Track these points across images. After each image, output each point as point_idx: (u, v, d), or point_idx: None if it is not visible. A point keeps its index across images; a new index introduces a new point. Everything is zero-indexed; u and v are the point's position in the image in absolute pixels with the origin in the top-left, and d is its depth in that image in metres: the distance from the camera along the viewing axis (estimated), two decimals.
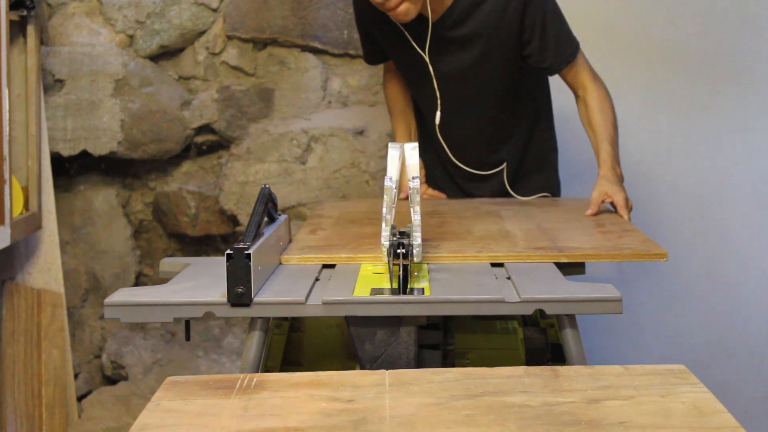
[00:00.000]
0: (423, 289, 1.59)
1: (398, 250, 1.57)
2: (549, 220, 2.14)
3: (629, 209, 2.16)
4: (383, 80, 2.67)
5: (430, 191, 2.56)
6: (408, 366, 1.54)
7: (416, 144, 1.76)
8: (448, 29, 2.31)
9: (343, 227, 2.10)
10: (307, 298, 1.55)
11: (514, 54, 2.33)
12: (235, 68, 3.03)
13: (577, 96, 2.39)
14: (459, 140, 2.46)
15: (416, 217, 1.68)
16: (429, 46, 2.32)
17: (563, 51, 2.32)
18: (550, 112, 2.54)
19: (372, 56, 2.57)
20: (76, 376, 3.09)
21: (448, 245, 1.85)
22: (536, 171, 2.52)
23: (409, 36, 2.33)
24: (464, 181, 2.53)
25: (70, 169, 3.07)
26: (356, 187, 3.07)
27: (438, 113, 2.39)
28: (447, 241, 1.88)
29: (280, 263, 1.78)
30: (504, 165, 2.47)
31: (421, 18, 2.29)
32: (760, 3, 2.99)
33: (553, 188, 2.55)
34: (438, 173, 2.58)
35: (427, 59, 2.33)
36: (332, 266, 1.77)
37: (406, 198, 2.10)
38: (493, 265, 1.74)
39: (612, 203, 2.18)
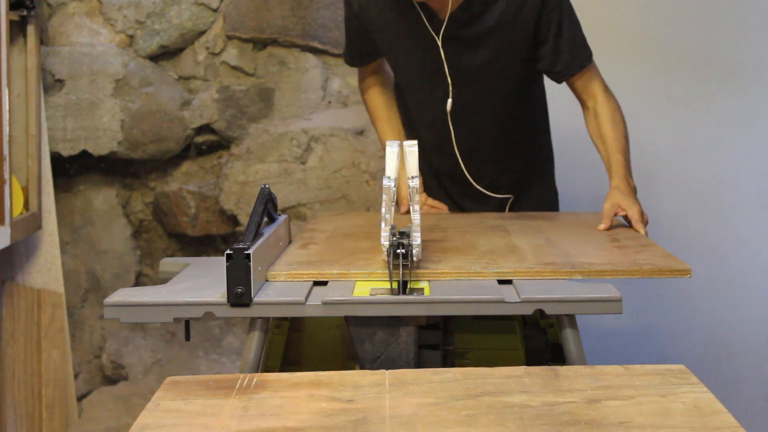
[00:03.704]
0: (423, 289, 1.59)
1: (398, 250, 1.57)
2: (559, 234, 2.01)
3: (645, 223, 2.03)
4: (361, 88, 2.51)
5: (431, 201, 2.44)
6: (408, 366, 1.54)
7: (415, 141, 1.68)
8: (462, 26, 2.19)
9: (337, 242, 1.98)
10: (306, 298, 1.55)
11: (526, 55, 2.23)
12: (235, 68, 3.02)
13: (585, 107, 2.28)
14: (462, 146, 2.34)
15: (416, 216, 1.66)
16: (440, 44, 2.20)
17: (577, 56, 2.23)
18: (548, 122, 2.47)
19: (357, 56, 2.42)
20: (76, 376, 3.09)
21: (451, 261, 1.74)
22: (535, 181, 2.45)
23: (424, 17, 2.19)
24: (459, 196, 2.44)
25: (70, 169, 3.07)
26: (356, 187, 3.06)
27: (450, 100, 2.25)
28: (450, 257, 1.78)
29: (267, 280, 1.66)
30: (510, 199, 2.38)
31: (432, 14, 2.19)
32: (761, 3, 2.98)
33: (551, 198, 2.48)
34: (432, 186, 2.47)
35: (440, 42, 2.19)
36: (324, 283, 1.66)
37: (407, 212, 2.07)
38: (501, 282, 1.63)
39: (625, 217, 2.06)
